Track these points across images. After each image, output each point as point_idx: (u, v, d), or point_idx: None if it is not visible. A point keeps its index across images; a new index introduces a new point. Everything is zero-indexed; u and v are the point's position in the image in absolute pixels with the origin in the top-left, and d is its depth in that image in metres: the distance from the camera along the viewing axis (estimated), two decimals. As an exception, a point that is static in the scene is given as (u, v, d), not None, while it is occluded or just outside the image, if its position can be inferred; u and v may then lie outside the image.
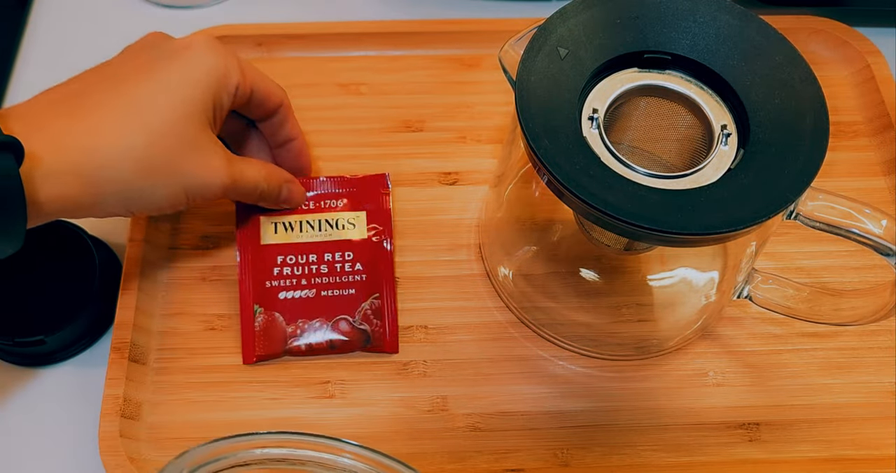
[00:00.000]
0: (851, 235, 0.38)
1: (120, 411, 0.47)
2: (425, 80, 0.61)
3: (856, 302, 0.44)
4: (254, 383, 0.49)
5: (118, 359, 0.48)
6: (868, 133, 0.58)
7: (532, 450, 0.47)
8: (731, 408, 0.49)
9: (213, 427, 0.48)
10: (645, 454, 0.47)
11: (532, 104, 0.38)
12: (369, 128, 0.58)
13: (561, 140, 0.37)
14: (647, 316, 0.51)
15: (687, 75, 0.41)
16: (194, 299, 0.52)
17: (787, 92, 0.39)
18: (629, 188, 0.37)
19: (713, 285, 0.51)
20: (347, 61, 0.61)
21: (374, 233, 0.51)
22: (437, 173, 0.57)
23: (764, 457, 0.47)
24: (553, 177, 0.36)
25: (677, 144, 0.43)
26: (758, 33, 0.40)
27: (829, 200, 0.38)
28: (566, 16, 0.40)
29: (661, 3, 0.41)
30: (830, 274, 0.53)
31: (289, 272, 0.50)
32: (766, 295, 0.47)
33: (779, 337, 0.51)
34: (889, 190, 0.56)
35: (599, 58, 0.40)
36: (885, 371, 0.50)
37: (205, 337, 0.51)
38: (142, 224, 0.52)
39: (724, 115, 0.40)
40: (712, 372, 0.50)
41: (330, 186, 0.52)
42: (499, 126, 0.58)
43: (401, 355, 0.50)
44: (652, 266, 0.52)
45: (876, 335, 0.51)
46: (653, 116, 0.43)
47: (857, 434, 0.48)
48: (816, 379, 0.50)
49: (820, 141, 0.37)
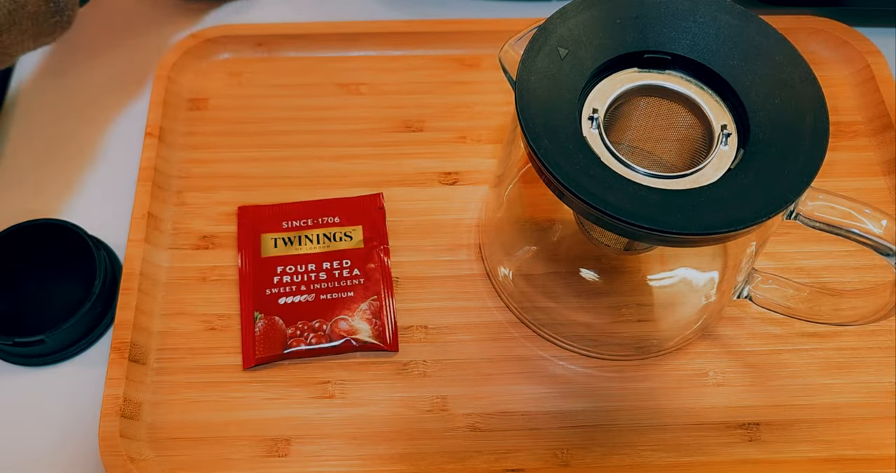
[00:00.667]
0: (851, 235, 0.38)
1: (120, 411, 0.47)
2: (425, 80, 0.61)
3: (856, 302, 0.44)
4: (254, 383, 0.49)
5: (118, 359, 0.48)
6: (868, 133, 0.58)
7: (532, 450, 0.47)
8: (731, 408, 0.49)
9: (213, 427, 0.48)
10: (645, 454, 0.47)
11: (532, 104, 0.38)
12: (369, 128, 0.58)
13: (561, 140, 0.37)
14: (647, 316, 0.51)
15: (687, 75, 0.41)
16: (194, 299, 0.52)
17: (787, 92, 0.39)
18: (629, 188, 0.36)
19: (713, 285, 0.51)
20: (347, 61, 0.61)
21: (371, 244, 0.53)
22: (437, 173, 0.57)
23: (764, 457, 0.47)
24: (553, 177, 0.36)
25: (677, 144, 0.43)
26: (758, 33, 0.40)
27: (829, 200, 0.38)
28: (566, 16, 0.40)
29: (661, 3, 0.41)
30: (830, 274, 0.53)
31: (288, 280, 0.51)
32: (766, 295, 0.47)
33: (779, 337, 0.51)
34: (889, 190, 0.56)
35: (599, 58, 0.40)
36: (885, 371, 0.50)
37: (205, 337, 0.51)
38: (142, 224, 0.52)
39: (724, 115, 0.40)
40: (712, 372, 0.50)
41: (326, 207, 0.54)
42: (499, 126, 0.58)
43: (401, 355, 0.50)
44: (652, 266, 0.52)
45: (876, 335, 0.51)
46: (653, 116, 0.43)
47: (857, 434, 0.48)
48: (816, 379, 0.50)
49: (820, 141, 0.37)
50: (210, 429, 0.48)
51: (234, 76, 0.61)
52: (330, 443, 0.47)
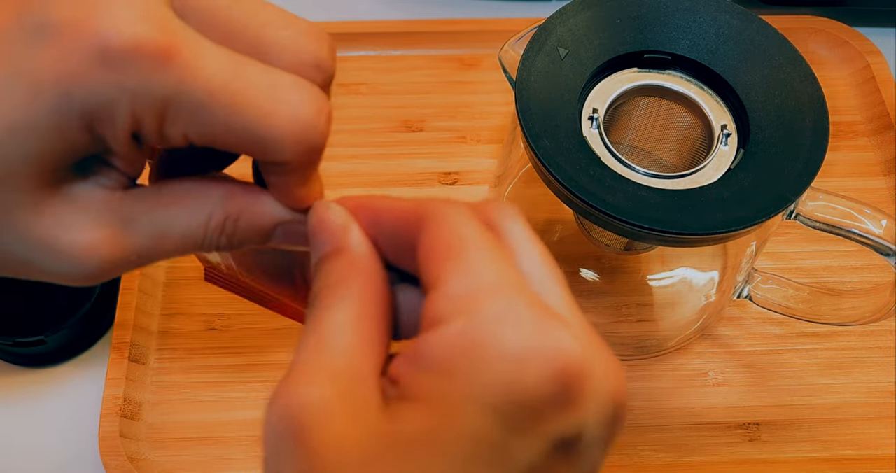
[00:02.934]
0: (851, 235, 0.38)
1: (120, 411, 0.46)
2: (425, 80, 0.60)
3: (856, 302, 0.44)
4: (254, 383, 0.49)
5: (118, 359, 0.48)
6: (868, 133, 0.58)
7: (532, 450, 0.47)
8: (731, 408, 0.49)
9: (213, 427, 0.48)
10: (645, 454, 0.47)
11: (532, 104, 0.38)
12: (369, 128, 0.58)
13: (561, 140, 0.37)
14: (647, 316, 0.51)
15: (687, 75, 0.41)
16: (194, 299, 0.52)
17: (787, 92, 0.39)
18: (629, 188, 0.36)
19: (713, 285, 0.51)
20: (347, 61, 0.61)
21: None
22: (437, 173, 0.57)
23: (764, 457, 0.47)
24: (553, 177, 0.36)
25: (677, 144, 0.43)
26: (758, 33, 0.40)
27: (829, 200, 0.38)
28: (566, 16, 0.40)
29: (661, 3, 0.41)
30: (830, 274, 0.53)
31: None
32: (766, 295, 0.47)
33: (779, 337, 0.51)
34: (889, 190, 0.56)
35: (599, 58, 0.40)
36: (885, 371, 0.50)
37: (205, 337, 0.50)
38: (142, 224, 0.52)
39: (724, 115, 0.40)
40: (712, 371, 0.50)
41: None
42: (499, 126, 0.58)
43: (401, 355, 0.50)
44: (652, 266, 0.52)
45: (876, 335, 0.51)
46: (653, 116, 0.43)
47: (857, 434, 0.48)
48: (816, 379, 0.50)
49: (820, 141, 0.37)
50: (210, 429, 0.48)
51: (234, 76, 0.61)
52: (330, 443, 0.47)
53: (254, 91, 0.22)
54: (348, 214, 0.25)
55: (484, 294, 0.21)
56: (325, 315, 0.23)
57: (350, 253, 0.24)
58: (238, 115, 0.22)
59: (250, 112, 0.22)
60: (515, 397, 0.20)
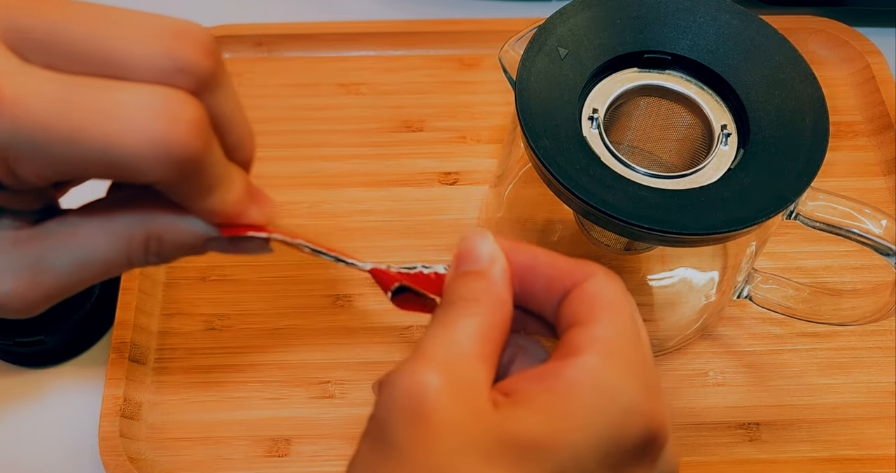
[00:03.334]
0: (851, 235, 0.38)
1: (120, 411, 0.47)
2: (425, 80, 0.61)
3: (856, 302, 0.44)
4: (254, 383, 0.49)
5: (118, 359, 0.48)
6: (868, 133, 0.58)
7: (532, 450, 0.47)
8: (731, 408, 0.49)
9: (213, 427, 0.48)
10: (645, 454, 0.47)
11: (532, 104, 0.38)
12: (369, 128, 0.58)
13: (561, 140, 0.37)
14: (647, 316, 0.51)
15: (687, 75, 0.41)
16: (194, 299, 0.52)
17: (787, 92, 0.39)
18: (629, 188, 0.36)
19: (713, 285, 0.51)
20: (347, 61, 0.61)
21: None
22: (437, 173, 0.57)
23: (764, 457, 0.47)
24: (553, 177, 0.36)
25: (677, 144, 0.43)
26: (758, 33, 0.40)
27: (829, 200, 0.38)
28: (566, 16, 0.40)
29: (661, 3, 0.41)
30: (830, 274, 0.53)
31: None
32: (766, 295, 0.47)
33: (779, 337, 0.51)
34: (889, 190, 0.56)
35: (599, 58, 0.40)
36: (885, 371, 0.50)
37: (205, 337, 0.51)
38: (142, 224, 0.52)
39: (724, 115, 0.40)
40: (712, 371, 0.50)
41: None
42: (499, 126, 0.58)
43: (401, 355, 0.50)
44: (652, 266, 0.52)
45: (876, 335, 0.51)
46: (653, 116, 0.43)
47: (857, 434, 0.48)
48: (816, 379, 0.50)
49: (820, 141, 0.37)
50: (210, 429, 0.48)
51: (235, 76, 0.61)
52: (330, 443, 0.47)
53: (93, 115, 0.20)
54: (498, 248, 0.28)
55: (620, 345, 0.25)
56: (459, 321, 0.26)
57: (490, 279, 0.27)
58: (83, 144, 0.20)
59: (97, 139, 0.20)
60: (617, 438, 0.24)
